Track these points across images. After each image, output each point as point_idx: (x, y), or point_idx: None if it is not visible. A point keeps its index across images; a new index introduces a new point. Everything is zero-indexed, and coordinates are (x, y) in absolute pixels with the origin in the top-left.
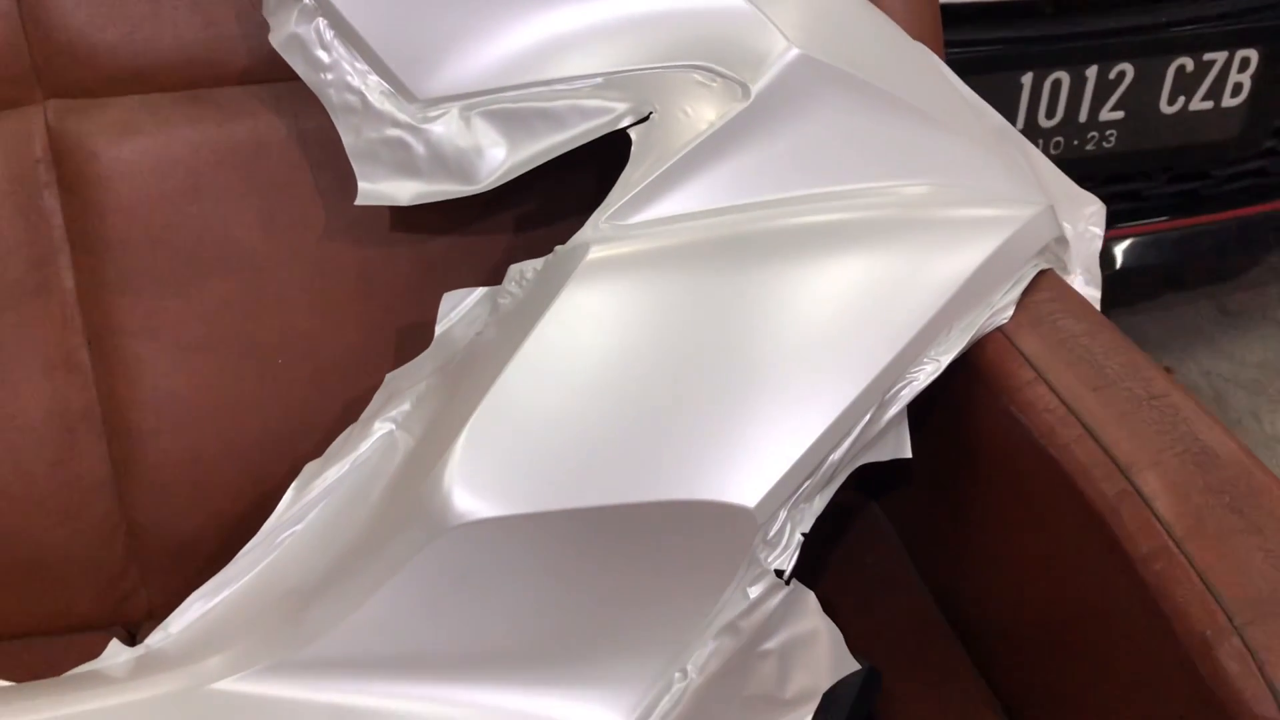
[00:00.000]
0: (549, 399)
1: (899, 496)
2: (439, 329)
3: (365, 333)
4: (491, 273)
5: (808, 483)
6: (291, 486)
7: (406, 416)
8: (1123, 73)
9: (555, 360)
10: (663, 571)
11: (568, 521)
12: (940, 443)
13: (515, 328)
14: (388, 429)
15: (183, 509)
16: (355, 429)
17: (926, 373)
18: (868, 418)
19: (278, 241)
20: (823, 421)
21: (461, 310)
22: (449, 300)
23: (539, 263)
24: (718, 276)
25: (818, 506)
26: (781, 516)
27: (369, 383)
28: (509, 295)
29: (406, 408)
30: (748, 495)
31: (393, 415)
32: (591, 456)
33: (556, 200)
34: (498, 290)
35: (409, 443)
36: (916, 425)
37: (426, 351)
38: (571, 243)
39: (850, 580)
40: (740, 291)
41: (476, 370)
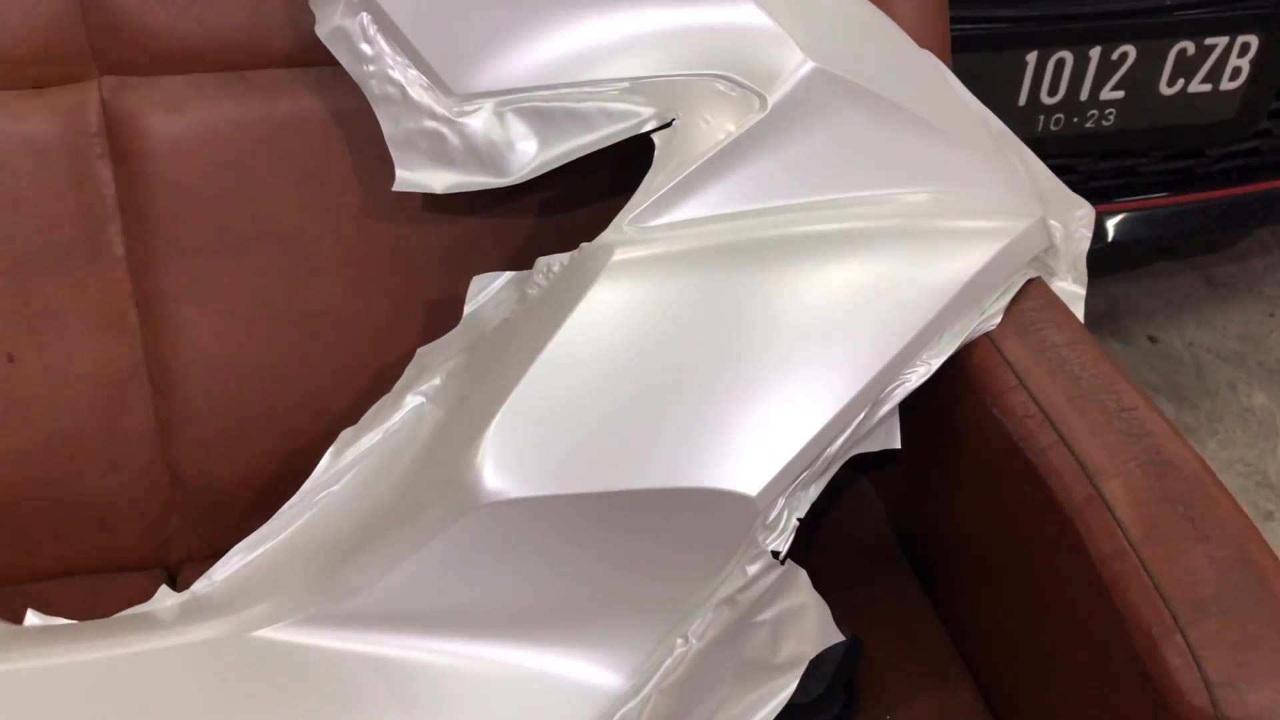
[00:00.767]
0: (573, 391)
1: (889, 474)
2: (468, 309)
3: (395, 305)
4: (516, 254)
5: (805, 473)
6: (329, 451)
7: (436, 391)
8: (1125, 54)
9: (580, 356)
10: (670, 549)
11: (587, 503)
12: (927, 433)
13: (543, 321)
14: (418, 402)
15: (221, 462)
16: (388, 400)
17: (918, 374)
18: (862, 415)
19: (315, 217)
20: (821, 419)
21: (489, 293)
22: (478, 283)
23: (565, 257)
24: (732, 279)
25: (813, 494)
26: (780, 504)
27: (398, 351)
28: (537, 286)
29: (436, 382)
30: (750, 484)
31: (423, 389)
32: (611, 445)
33: (578, 188)
34: (525, 278)
35: (437, 415)
36: (906, 414)
37: (455, 330)
38: (597, 242)
39: (839, 553)
40: (752, 294)
41: (506, 359)
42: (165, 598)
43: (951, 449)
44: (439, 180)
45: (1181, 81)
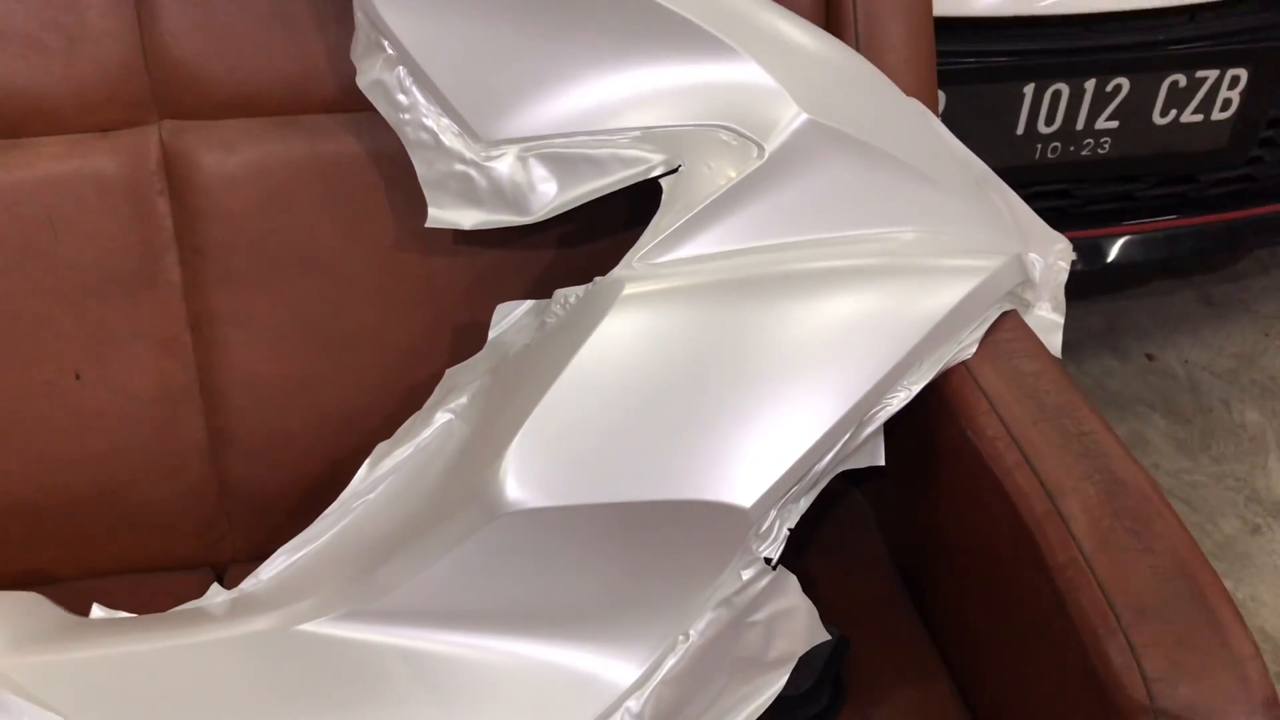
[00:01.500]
0: (587, 412)
1: (878, 487)
2: (492, 334)
3: (426, 330)
4: (535, 284)
5: (795, 487)
6: (365, 463)
7: (464, 409)
8: (1119, 86)
9: (593, 380)
10: (672, 555)
11: (598, 513)
12: (911, 452)
13: (560, 347)
14: (447, 418)
15: (265, 472)
16: (419, 416)
17: (900, 399)
18: (848, 435)
19: (354, 249)
20: (810, 439)
21: (512, 319)
22: (501, 310)
23: (580, 290)
24: (730, 311)
25: (802, 506)
26: (772, 515)
27: (428, 372)
28: (555, 315)
29: (464, 401)
30: (745, 497)
31: (452, 407)
32: (620, 460)
33: (592, 226)
34: (544, 307)
35: (465, 431)
36: (891, 433)
37: (481, 353)
38: (609, 277)
39: (832, 558)
40: (749, 324)
41: (527, 381)
42: (217, 594)
43: (931, 466)
44: (467, 218)
45: (1174, 112)
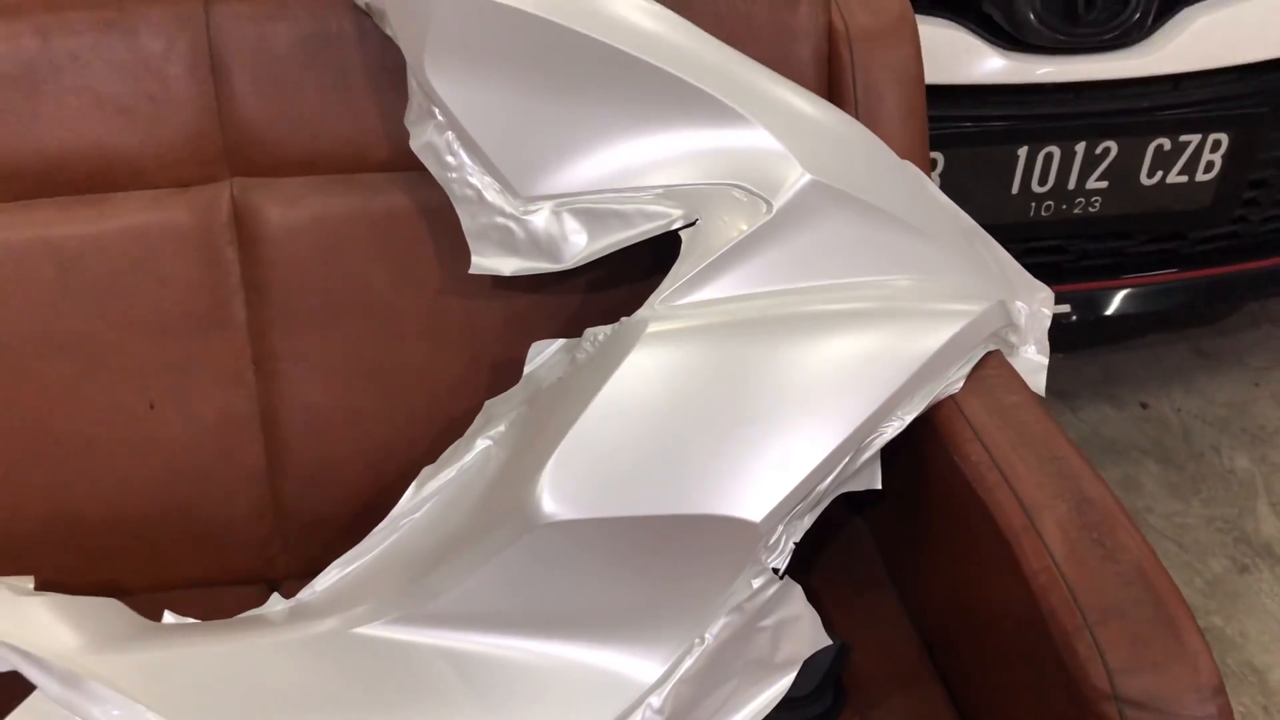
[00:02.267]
0: (615, 436)
1: (878, 513)
2: (527, 369)
3: (467, 366)
4: (566, 325)
5: (800, 505)
6: (412, 485)
7: (502, 436)
8: (1108, 149)
9: (620, 409)
10: (690, 563)
11: (624, 525)
12: (905, 476)
13: (590, 379)
14: (487, 444)
15: (317, 495)
16: (461, 443)
17: (894, 427)
18: (847, 460)
19: (402, 293)
20: (813, 461)
21: (545, 356)
22: (535, 348)
23: (608, 329)
24: (743, 348)
25: (807, 523)
26: (779, 529)
27: (468, 405)
28: (584, 352)
29: (501, 429)
30: (755, 512)
31: (491, 434)
32: (643, 478)
33: (618, 272)
34: (575, 345)
35: (502, 456)
36: (888, 460)
37: (517, 386)
38: (634, 317)
39: (836, 578)
40: (759, 359)
41: (560, 410)
42: (276, 603)
43: (923, 488)
44: (507, 265)
45: (1160, 173)
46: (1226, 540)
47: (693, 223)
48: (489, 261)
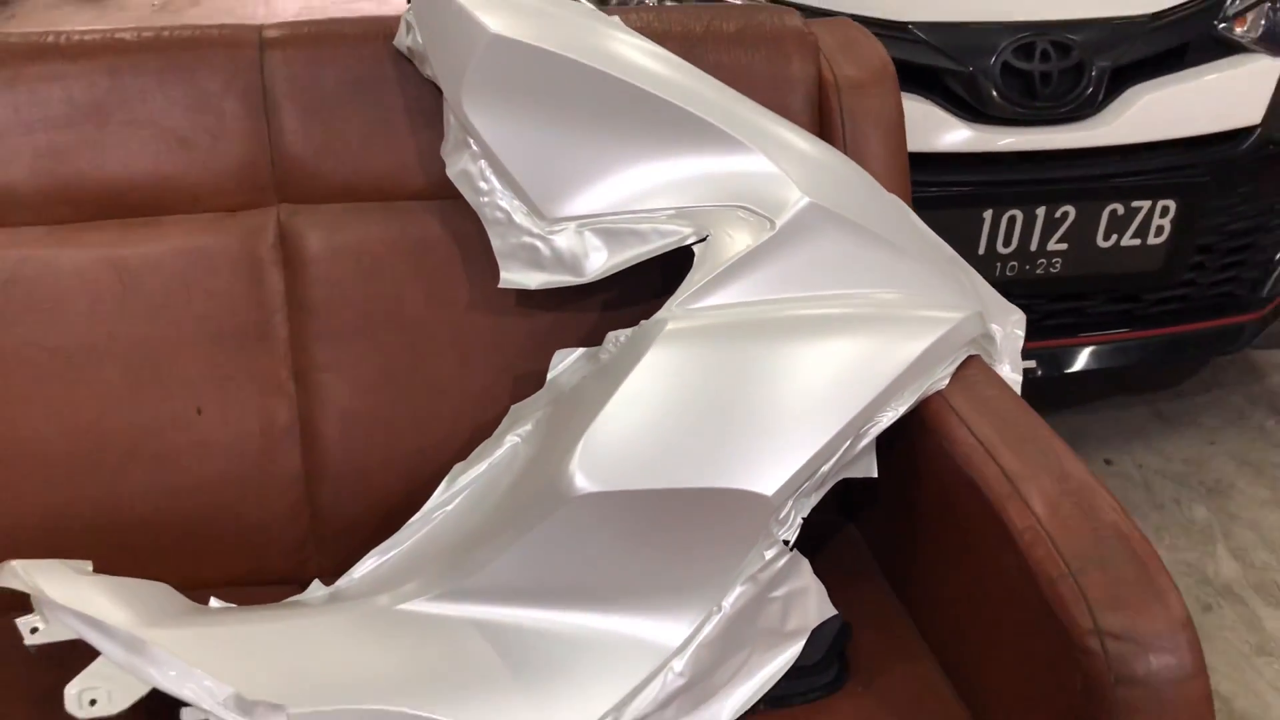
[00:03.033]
0: (640, 419)
1: (869, 516)
2: (550, 375)
3: (493, 376)
4: (584, 338)
5: (806, 484)
6: (444, 481)
7: (528, 434)
8: (1066, 213)
9: (644, 396)
10: (708, 533)
11: (649, 498)
12: (896, 475)
13: (615, 373)
14: (515, 441)
15: (350, 499)
16: (490, 441)
17: (888, 417)
18: (847, 444)
19: (434, 310)
20: (817, 444)
21: (567, 363)
22: (558, 355)
23: (628, 331)
24: (753, 345)
25: (813, 500)
26: (789, 504)
27: (494, 413)
28: (608, 352)
29: (529, 427)
30: (768, 486)
31: (518, 432)
32: (665, 456)
33: (631, 292)
34: (595, 352)
35: (529, 451)
36: (884, 455)
37: (541, 391)
38: (654, 319)
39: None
40: (766, 355)
41: (589, 399)
42: (317, 589)
43: (914, 479)
44: (533, 279)
45: (1115, 236)
46: (1190, 582)
47: (703, 238)
48: (517, 276)
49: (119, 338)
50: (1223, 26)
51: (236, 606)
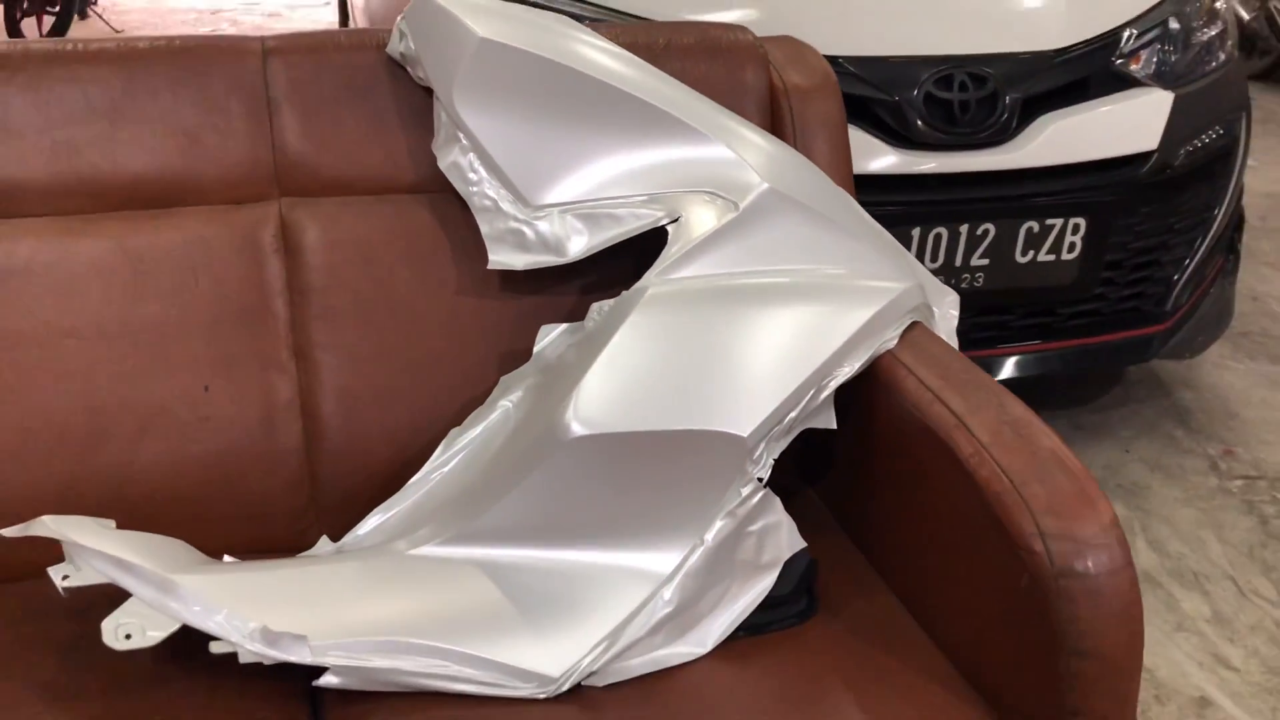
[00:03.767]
0: (626, 372)
1: (828, 479)
2: (536, 348)
3: (481, 355)
4: (566, 315)
5: (776, 429)
6: (441, 444)
7: (519, 400)
8: (987, 230)
9: (629, 352)
10: (691, 471)
11: (637, 439)
12: (853, 424)
13: (602, 335)
14: (506, 406)
15: (348, 470)
16: (484, 407)
17: (844, 372)
18: (810, 394)
19: (425, 292)
20: (785, 391)
21: (551, 337)
22: (543, 330)
23: (611, 301)
24: (724, 308)
25: (782, 444)
26: (761, 446)
27: (483, 387)
28: (592, 320)
29: (519, 394)
30: (743, 428)
31: (509, 399)
32: (650, 403)
33: (607, 276)
34: (578, 327)
35: (519, 415)
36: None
37: (528, 363)
38: (635, 287)
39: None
40: (739, 316)
41: (581, 358)
42: (325, 545)
43: (870, 425)
44: (519, 260)
45: (1032, 252)
46: None
47: (676, 219)
48: (504, 258)
49: (131, 321)
50: (1119, 63)
51: (251, 561)
